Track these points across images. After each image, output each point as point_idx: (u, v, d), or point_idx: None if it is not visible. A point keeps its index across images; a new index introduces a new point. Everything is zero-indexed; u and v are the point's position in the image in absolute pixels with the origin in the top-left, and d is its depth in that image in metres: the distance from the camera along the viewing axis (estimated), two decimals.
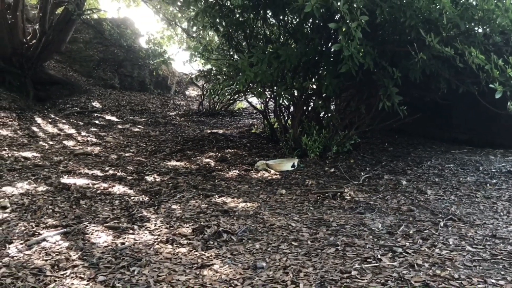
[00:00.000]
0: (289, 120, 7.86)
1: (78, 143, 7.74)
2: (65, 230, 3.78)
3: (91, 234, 3.74)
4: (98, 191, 5.05)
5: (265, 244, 3.61)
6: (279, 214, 4.35)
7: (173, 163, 6.68)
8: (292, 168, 6.20)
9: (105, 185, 5.30)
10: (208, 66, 9.46)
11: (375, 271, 3.07)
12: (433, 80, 6.17)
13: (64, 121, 9.39)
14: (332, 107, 7.97)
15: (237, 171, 6.17)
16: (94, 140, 8.10)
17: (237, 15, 7.20)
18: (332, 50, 6.31)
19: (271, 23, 7.63)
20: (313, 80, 7.13)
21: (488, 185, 5.15)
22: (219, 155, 7.16)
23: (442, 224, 3.97)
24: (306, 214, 4.37)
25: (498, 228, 3.86)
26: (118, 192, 5.06)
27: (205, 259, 3.30)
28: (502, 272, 3.03)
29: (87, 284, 2.84)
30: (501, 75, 4.71)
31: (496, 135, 7.05)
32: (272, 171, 6.13)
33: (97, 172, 5.92)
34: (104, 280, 2.90)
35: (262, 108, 8.68)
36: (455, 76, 5.75)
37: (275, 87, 7.02)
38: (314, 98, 7.28)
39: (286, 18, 7.13)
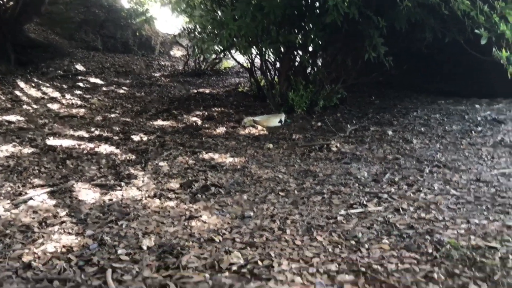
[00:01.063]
0: (276, 76, 7.79)
1: (63, 106, 7.63)
2: (52, 189, 3.76)
3: (78, 192, 3.73)
4: (85, 151, 5.01)
5: (253, 195, 3.63)
6: (266, 167, 4.37)
7: (160, 122, 6.63)
8: (279, 124, 6.19)
9: (91, 145, 5.25)
10: (192, 25, 9.25)
11: (361, 216, 3.12)
12: (418, 30, 6.11)
13: (47, 84, 9.21)
14: (319, 63, 7.90)
15: (224, 129, 6.15)
16: (79, 102, 7.98)
17: None
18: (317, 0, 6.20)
19: None
20: (299, 35, 7.02)
21: (473, 132, 5.20)
22: (206, 113, 7.12)
23: (427, 170, 4.02)
24: (293, 166, 4.40)
25: (482, 172, 3.92)
26: (104, 151, 5.03)
27: (193, 211, 3.32)
28: (485, 213, 3.09)
29: (75, 239, 2.85)
30: (487, 21, 4.66)
31: (482, 85, 7.06)
32: (259, 127, 6.11)
33: (83, 133, 5.86)
34: (92, 234, 2.92)
35: (249, 66, 8.57)
36: (440, 24, 5.70)
37: (260, 44, 6.91)
38: (300, 53, 7.19)
39: None
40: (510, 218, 2.98)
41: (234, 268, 2.47)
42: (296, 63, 7.35)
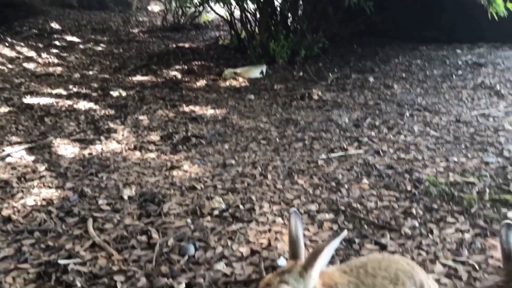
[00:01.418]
0: (256, 28, 7.63)
1: (39, 65, 7.44)
2: (30, 145, 3.70)
3: (57, 147, 3.68)
4: (63, 109, 4.92)
5: (234, 144, 3.62)
6: (247, 118, 4.34)
7: (139, 78, 6.51)
8: (261, 75, 6.12)
9: (70, 102, 5.16)
10: None
11: (341, 159, 3.13)
12: None
13: (22, 44, 8.95)
14: (300, 12, 7.73)
15: (204, 82, 6.07)
16: (55, 61, 7.79)
17: None
18: None
19: None
20: None
21: (454, 76, 5.20)
22: (186, 67, 7.00)
23: (407, 114, 4.03)
24: (275, 115, 4.37)
25: (462, 114, 3.94)
26: (83, 108, 4.94)
27: (174, 161, 3.30)
28: (464, 151, 3.13)
29: (55, 192, 2.83)
30: None
31: (462, 30, 7.00)
32: (241, 79, 6.04)
33: (61, 91, 5.73)
34: (72, 187, 2.90)
35: (228, 18, 8.37)
36: None
37: None
38: (280, 1, 7.03)
39: None
40: (488, 155, 3.02)
41: (216, 212, 2.48)
42: (277, 13, 7.19)
